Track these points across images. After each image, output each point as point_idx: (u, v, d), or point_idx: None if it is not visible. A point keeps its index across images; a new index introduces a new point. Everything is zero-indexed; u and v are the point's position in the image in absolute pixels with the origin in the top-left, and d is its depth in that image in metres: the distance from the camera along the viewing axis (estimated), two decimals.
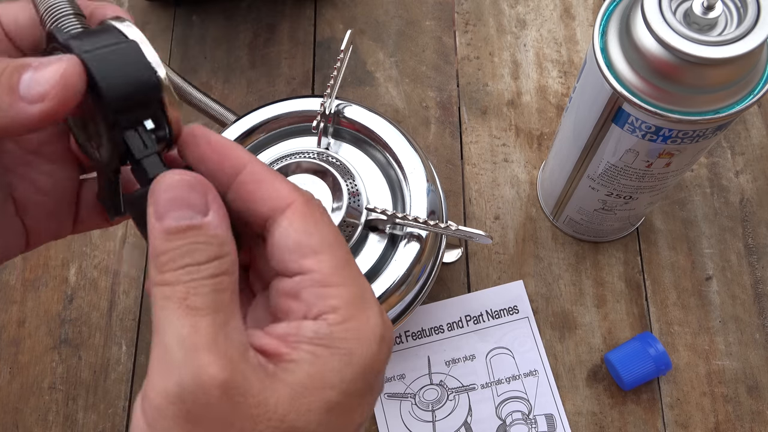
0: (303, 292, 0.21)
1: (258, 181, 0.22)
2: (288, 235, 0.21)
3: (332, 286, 0.21)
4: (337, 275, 0.21)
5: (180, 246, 0.20)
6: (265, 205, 0.22)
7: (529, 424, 0.45)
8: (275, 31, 0.57)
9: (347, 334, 0.20)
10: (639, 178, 0.39)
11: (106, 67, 0.21)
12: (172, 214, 0.20)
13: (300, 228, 0.21)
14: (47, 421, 0.46)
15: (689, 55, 0.30)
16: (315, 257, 0.21)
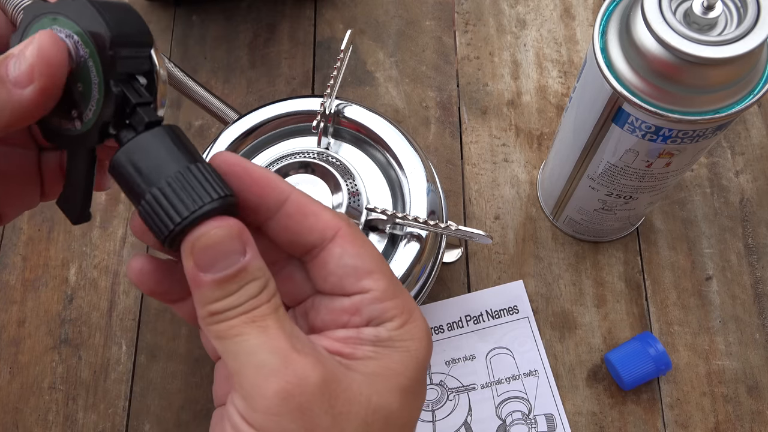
0: (364, 309, 0.23)
1: (303, 213, 0.23)
2: (344, 262, 0.23)
3: (389, 300, 0.23)
4: (390, 290, 0.23)
5: (235, 290, 0.21)
6: (314, 233, 0.23)
7: (529, 424, 0.45)
8: (275, 31, 0.57)
9: (405, 336, 0.23)
10: (639, 178, 0.39)
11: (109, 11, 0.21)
12: (218, 265, 0.21)
13: (353, 252, 0.23)
14: (47, 421, 0.46)
15: (689, 55, 0.30)
16: (371, 278, 0.23)
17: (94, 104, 0.22)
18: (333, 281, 0.24)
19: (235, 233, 0.21)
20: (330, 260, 0.23)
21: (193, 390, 0.47)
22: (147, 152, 0.21)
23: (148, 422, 0.46)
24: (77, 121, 0.22)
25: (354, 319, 0.24)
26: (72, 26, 0.21)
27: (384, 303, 0.23)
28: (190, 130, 0.54)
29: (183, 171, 0.20)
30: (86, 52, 0.21)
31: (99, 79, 0.21)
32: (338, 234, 0.23)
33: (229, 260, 0.21)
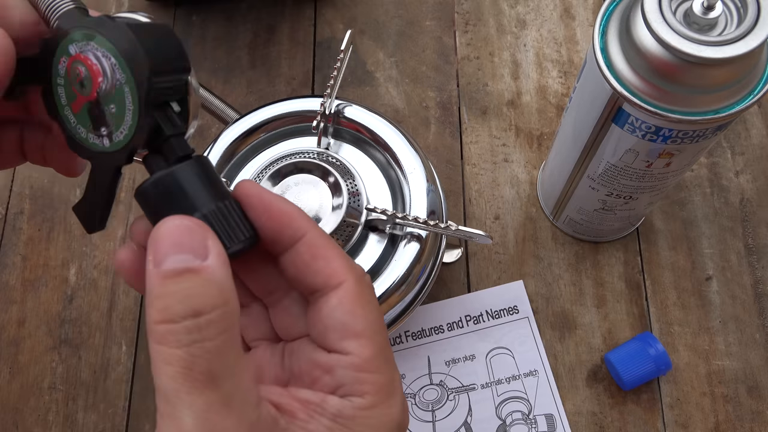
0: (337, 370, 0.21)
1: (314, 254, 0.22)
2: (335, 315, 0.22)
3: (367, 371, 0.21)
4: (373, 362, 0.22)
5: (176, 290, 0.19)
6: (318, 277, 0.22)
7: (529, 424, 0.45)
8: (275, 31, 0.57)
9: (369, 421, 0.21)
10: (639, 178, 0.39)
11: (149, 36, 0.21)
12: (171, 258, 0.19)
13: (348, 309, 0.22)
14: (47, 421, 0.46)
15: (689, 55, 0.30)
16: (357, 341, 0.22)
17: (126, 129, 0.21)
18: (319, 330, 0.22)
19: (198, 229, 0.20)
20: (323, 308, 0.22)
21: None
22: (176, 186, 0.21)
23: (148, 422, 0.46)
24: (106, 139, 0.22)
25: (324, 378, 0.22)
26: (111, 48, 0.21)
27: (360, 373, 0.21)
28: None
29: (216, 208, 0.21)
30: (123, 77, 0.21)
31: (134, 107, 0.21)
32: (342, 286, 0.22)
33: (182, 257, 0.19)
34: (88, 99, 0.21)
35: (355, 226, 0.40)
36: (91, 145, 0.22)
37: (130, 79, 0.21)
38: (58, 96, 0.22)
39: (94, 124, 0.22)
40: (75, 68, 0.21)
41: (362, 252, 0.41)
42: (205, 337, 0.19)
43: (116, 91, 0.21)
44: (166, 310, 0.19)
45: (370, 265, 0.40)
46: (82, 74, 0.21)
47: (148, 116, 0.21)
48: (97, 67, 0.21)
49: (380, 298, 0.40)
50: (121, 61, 0.21)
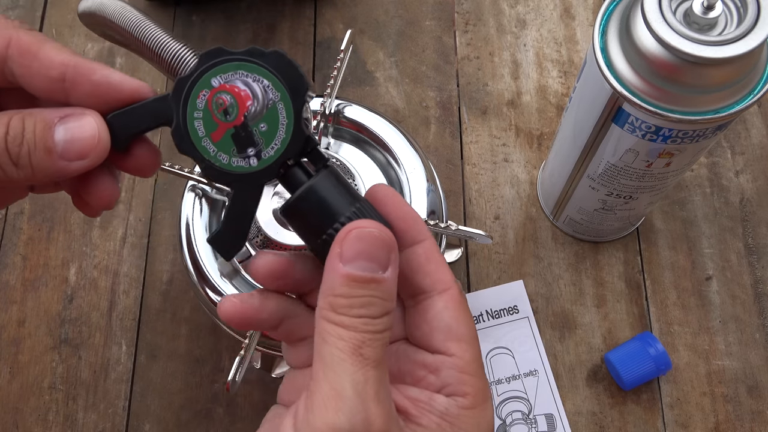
0: (443, 371, 0.24)
1: (429, 258, 0.25)
2: (442, 318, 0.24)
3: (468, 374, 0.23)
4: (473, 366, 0.24)
5: (360, 295, 0.22)
6: (428, 279, 0.24)
7: (529, 424, 0.45)
8: (275, 31, 0.57)
9: (470, 420, 0.23)
10: (639, 178, 0.39)
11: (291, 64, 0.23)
12: (359, 263, 0.22)
13: (453, 314, 0.24)
14: (47, 421, 0.46)
15: (689, 55, 0.30)
16: (459, 344, 0.24)
17: (278, 143, 0.23)
18: (424, 332, 0.24)
19: (387, 242, 0.22)
20: (429, 311, 0.24)
21: (193, 390, 0.47)
22: (325, 194, 0.23)
23: (148, 422, 0.46)
24: (254, 159, 0.24)
25: (429, 378, 0.24)
26: (263, 72, 0.23)
27: (463, 374, 0.23)
28: None
29: (356, 209, 0.23)
30: (277, 96, 0.23)
31: (288, 121, 0.23)
32: (448, 291, 0.24)
33: (370, 265, 0.22)
34: (233, 124, 0.23)
35: None
36: (235, 169, 0.24)
37: (285, 96, 0.23)
38: (195, 130, 0.24)
39: (239, 147, 0.24)
40: (217, 99, 0.23)
41: None
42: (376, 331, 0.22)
43: (268, 111, 0.23)
44: (349, 308, 0.22)
45: None
46: (227, 102, 0.23)
47: (303, 127, 0.23)
48: (246, 93, 0.23)
49: None
50: (275, 81, 0.23)
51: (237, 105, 0.23)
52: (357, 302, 0.21)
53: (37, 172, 0.22)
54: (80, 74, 0.23)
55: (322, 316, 0.22)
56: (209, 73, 0.24)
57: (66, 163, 0.22)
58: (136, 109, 0.24)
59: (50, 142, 0.22)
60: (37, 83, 0.23)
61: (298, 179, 0.24)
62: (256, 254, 0.25)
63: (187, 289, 0.49)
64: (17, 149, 0.22)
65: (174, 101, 0.24)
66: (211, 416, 0.46)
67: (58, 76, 0.23)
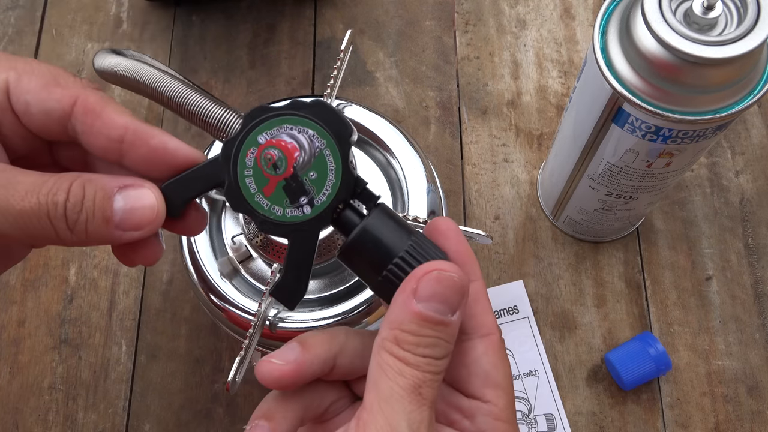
0: (478, 417, 0.24)
1: (477, 300, 0.25)
2: (481, 363, 0.24)
3: (502, 421, 0.24)
4: (507, 412, 0.24)
5: (428, 335, 0.22)
6: (472, 321, 0.24)
7: (529, 424, 0.45)
8: (275, 31, 0.57)
9: None
10: (639, 178, 0.39)
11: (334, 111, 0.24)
12: (432, 304, 0.22)
13: (492, 360, 0.24)
14: (47, 421, 0.46)
15: (689, 55, 0.30)
16: (495, 391, 0.24)
17: (329, 188, 0.24)
18: (462, 375, 0.24)
19: (463, 288, 0.22)
20: (470, 354, 0.24)
21: (193, 390, 0.47)
22: (381, 233, 0.24)
23: (148, 422, 0.46)
24: (307, 207, 0.24)
25: (464, 423, 0.24)
26: (306, 123, 0.24)
27: (497, 422, 0.24)
28: (191, 131, 0.54)
29: (413, 243, 0.24)
30: (323, 143, 0.24)
31: (336, 166, 0.24)
32: (489, 337, 0.24)
33: (443, 307, 0.22)
34: (283, 177, 0.24)
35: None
36: (290, 219, 0.25)
37: (331, 142, 0.24)
38: (246, 187, 0.24)
39: (292, 198, 0.24)
40: (266, 154, 0.24)
41: None
42: (436, 372, 0.22)
43: (316, 159, 0.24)
44: (416, 346, 0.22)
45: None
46: (275, 157, 0.24)
47: (350, 169, 0.24)
48: (292, 145, 0.24)
49: None
50: (320, 129, 0.24)
51: (285, 158, 0.24)
52: (424, 341, 0.22)
53: (91, 239, 0.23)
54: (139, 138, 0.24)
55: (384, 348, 0.22)
56: (255, 131, 0.24)
57: (121, 233, 0.23)
58: (189, 175, 0.25)
59: (109, 212, 0.22)
60: (96, 142, 0.24)
61: (352, 221, 0.24)
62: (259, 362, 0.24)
63: (187, 289, 0.49)
64: (75, 216, 0.22)
65: (224, 163, 0.24)
66: (211, 416, 0.46)
67: (118, 138, 0.23)
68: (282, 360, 0.24)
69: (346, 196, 0.24)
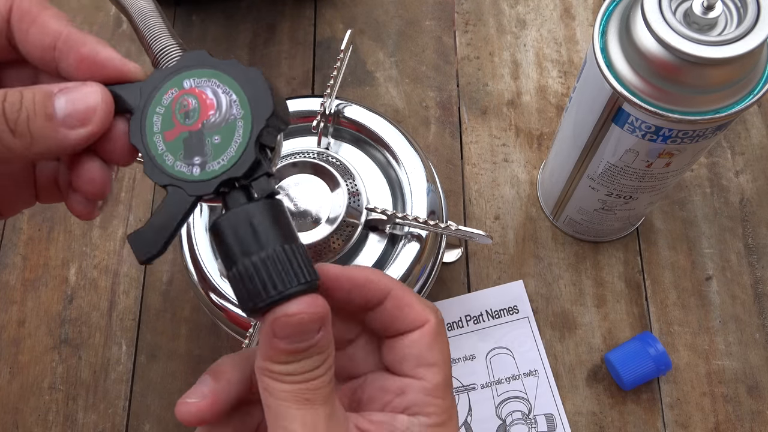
0: (409, 393, 0.24)
1: (401, 305, 0.25)
2: (415, 346, 0.25)
3: (435, 396, 0.24)
4: (441, 388, 0.24)
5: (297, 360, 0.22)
6: (406, 323, 0.25)
7: (529, 424, 0.45)
8: (275, 31, 0.57)
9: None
10: (639, 178, 0.39)
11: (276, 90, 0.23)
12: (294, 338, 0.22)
13: (427, 343, 0.25)
14: (47, 421, 0.46)
15: (689, 55, 0.30)
16: (429, 369, 0.24)
17: (225, 160, 0.22)
18: (396, 359, 0.25)
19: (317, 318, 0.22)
20: (405, 341, 0.25)
21: None
22: (253, 221, 0.22)
23: (148, 422, 0.46)
24: (197, 168, 0.23)
25: (395, 401, 0.24)
26: (234, 86, 0.23)
27: (429, 396, 0.24)
28: None
29: (279, 251, 0.22)
30: (240, 113, 0.23)
31: (242, 140, 0.22)
32: (425, 325, 0.25)
33: (305, 337, 0.22)
34: (188, 129, 0.23)
35: (355, 226, 0.40)
36: (175, 173, 0.23)
37: (248, 116, 0.22)
38: (152, 123, 0.23)
39: (187, 152, 0.23)
40: (183, 100, 0.23)
41: (362, 252, 0.41)
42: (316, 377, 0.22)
43: (227, 125, 0.23)
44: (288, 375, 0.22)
45: (371, 265, 0.40)
46: (190, 106, 0.23)
47: (255, 151, 0.22)
48: (211, 102, 0.23)
49: None
50: (243, 98, 0.23)
51: (199, 111, 0.23)
52: (294, 368, 0.22)
53: (37, 142, 0.21)
54: (70, 45, 0.22)
55: (263, 374, 0.22)
56: (185, 74, 0.23)
57: (67, 131, 0.21)
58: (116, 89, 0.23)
59: (50, 108, 0.21)
60: (32, 50, 0.23)
61: (236, 201, 0.23)
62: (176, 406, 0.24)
63: (187, 289, 0.49)
64: (15, 115, 0.21)
65: (144, 90, 0.23)
66: None
67: (50, 45, 0.22)
68: (196, 397, 0.23)
69: (238, 174, 0.22)
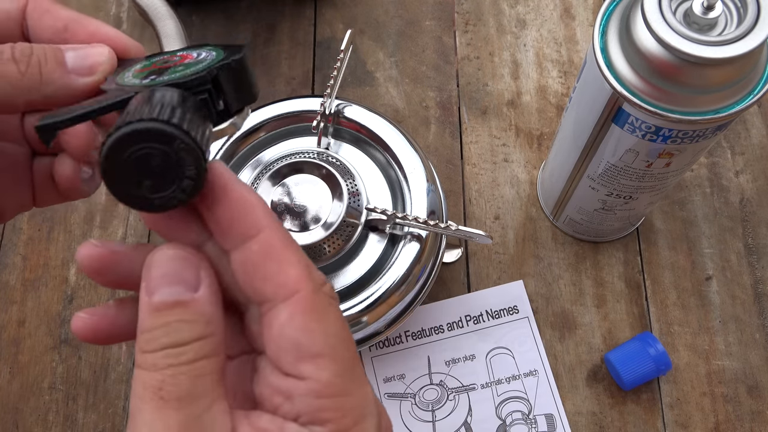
0: (296, 398, 0.19)
1: (267, 255, 0.20)
2: (286, 333, 0.19)
3: (328, 397, 0.19)
4: (335, 385, 0.19)
5: (165, 324, 0.19)
6: (268, 285, 0.19)
7: (529, 424, 0.45)
8: (275, 31, 0.57)
9: None
10: (639, 178, 0.39)
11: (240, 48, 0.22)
12: (163, 290, 0.19)
13: (301, 325, 0.19)
14: (47, 421, 0.47)
15: (689, 55, 0.30)
16: (314, 362, 0.19)
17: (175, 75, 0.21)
18: (273, 350, 0.20)
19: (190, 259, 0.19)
20: (274, 325, 0.19)
21: None
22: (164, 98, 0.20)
23: None
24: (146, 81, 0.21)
25: (286, 406, 0.19)
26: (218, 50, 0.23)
27: (321, 400, 0.19)
28: None
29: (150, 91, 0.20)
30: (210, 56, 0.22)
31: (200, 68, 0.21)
32: (295, 296, 0.19)
33: (175, 289, 0.19)
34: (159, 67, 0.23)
35: (355, 226, 0.40)
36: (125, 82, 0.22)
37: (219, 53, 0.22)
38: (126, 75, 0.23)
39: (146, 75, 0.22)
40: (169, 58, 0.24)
41: (362, 252, 0.41)
42: (182, 362, 0.18)
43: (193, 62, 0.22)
44: (153, 341, 0.19)
45: (370, 265, 0.40)
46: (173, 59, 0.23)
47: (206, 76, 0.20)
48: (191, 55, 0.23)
49: (380, 298, 0.40)
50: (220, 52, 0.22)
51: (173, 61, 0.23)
52: (159, 333, 0.18)
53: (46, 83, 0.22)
54: (80, 25, 0.25)
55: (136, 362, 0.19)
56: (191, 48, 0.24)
57: (75, 77, 0.22)
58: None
59: (61, 57, 0.23)
60: (44, 35, 0.25)
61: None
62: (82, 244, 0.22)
63: None
64: (26, 59, 0.22)
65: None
66: None
67: (62, 27, 0.24)
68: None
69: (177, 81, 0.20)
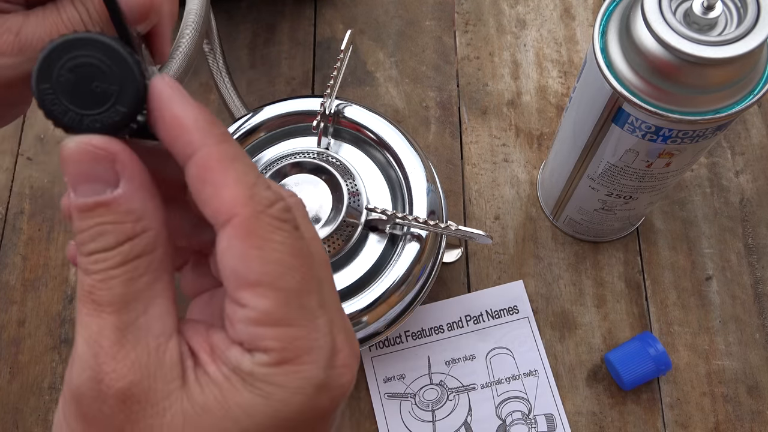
0: (237, 324, 0.19)
1: (202, 179, 0.18)
2: (224, 261, 0.18)
3: (267, 325, 0.18)
4: (276, 313, 0.18)
5: (89, 227, 0.18)
6: (207, 210, 0.18)
7: (529, 424, 0.45)
8: (275, 31, 0.57)
9: (273, 379, 0.18)
10: (639, 178, 0.39)
11: None
12: (81, 188, 0.18)
13: (238, 252, 0.18)
14: (47, 421, 0.46)
15: (689, 55, 0.30)
16: (252, 290, 0.18)
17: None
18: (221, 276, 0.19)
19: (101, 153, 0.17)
20: (217, 251, 0.18)
21: None
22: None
23: None
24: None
25: (230, 330, 0.19)
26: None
27: (259, 328, 0.18)
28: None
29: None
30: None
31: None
32: (231, 221, 0.18)
33: (92, 187, 0.17)
34: None
35: (355, 226, 0.40)
36: None
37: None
38: None
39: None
40: None
41: (362, 252, 0.41)
42: (110, 267, 0.18)
43: None
44: (82, 245, 0.18)
45: (370, 265, 0.40)
46: None
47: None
48: None
49: (380, 298, 0.40)
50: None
51: None
52: (86, 237, 0.18)
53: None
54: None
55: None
56: None
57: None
58: None
59: None
60: None
61: None
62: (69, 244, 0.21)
63: None
64: None
65: None
66: None
67: None
68: None
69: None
